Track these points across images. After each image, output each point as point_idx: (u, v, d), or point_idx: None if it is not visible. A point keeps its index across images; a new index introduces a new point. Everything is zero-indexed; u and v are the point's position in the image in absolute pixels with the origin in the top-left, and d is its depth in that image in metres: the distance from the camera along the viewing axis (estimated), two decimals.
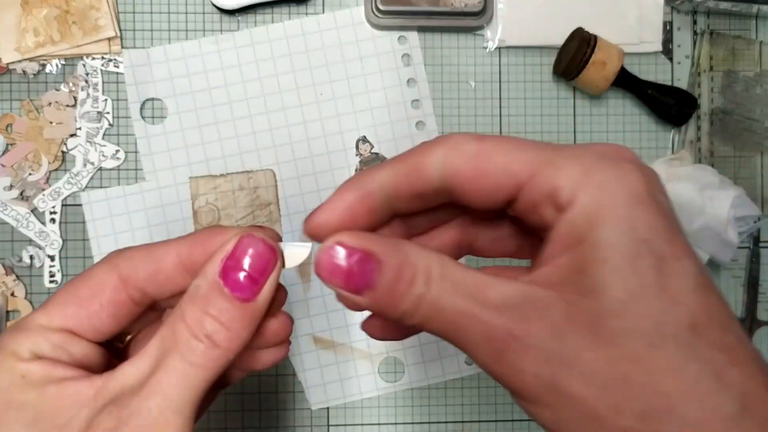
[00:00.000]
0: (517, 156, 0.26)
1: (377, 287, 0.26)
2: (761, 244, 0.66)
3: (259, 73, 0.62)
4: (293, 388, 0.63)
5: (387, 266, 0.26)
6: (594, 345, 0.24)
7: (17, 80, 0.62)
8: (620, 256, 0.24)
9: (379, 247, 0.26)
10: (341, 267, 0.26)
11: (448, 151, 0.27)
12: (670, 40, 0.66)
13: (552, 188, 0.25)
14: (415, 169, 0.28)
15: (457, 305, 0.25)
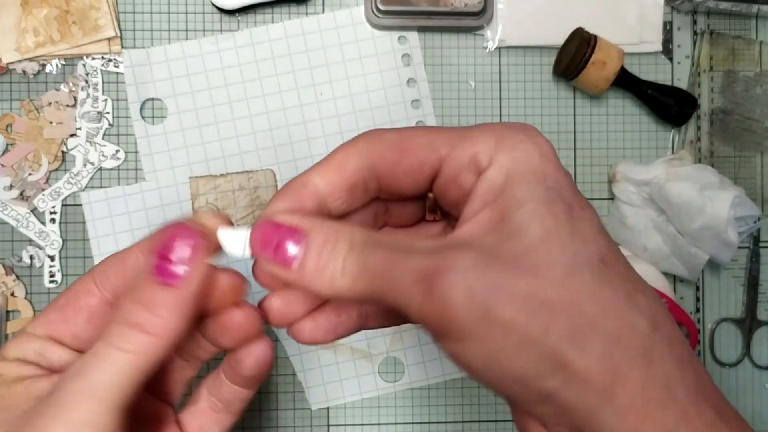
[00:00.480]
0: (436, 134, 0.29)
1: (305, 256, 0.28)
2: (761, 244, 0.66)
3: (259, 73, 0.62)
4: (293, 388, 0.63)
5: (313, 236, 0.28)
6: (519, 275, 0.25)
7: (17, 80, 0.62)
8: (537, 202, 0.26)
9: (306, 221, 0.29)
10: (271, 240, 0.28)
11: (371, 141, 0.30)
12: (670, 40, 0.66)
13: (472, 154, 0.28)
14: (342, 164, 0.30)
15: (382, 256, 0.27)
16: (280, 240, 0.28)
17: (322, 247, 0.28)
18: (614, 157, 0.66)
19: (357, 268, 0.27)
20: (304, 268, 0.28)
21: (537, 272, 0.25)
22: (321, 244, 0.28)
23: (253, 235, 0.29)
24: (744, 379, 0.67)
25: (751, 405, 0.67)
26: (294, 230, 0.28)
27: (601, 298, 0.26)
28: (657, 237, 0.63)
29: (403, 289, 0.26)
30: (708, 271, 0.66)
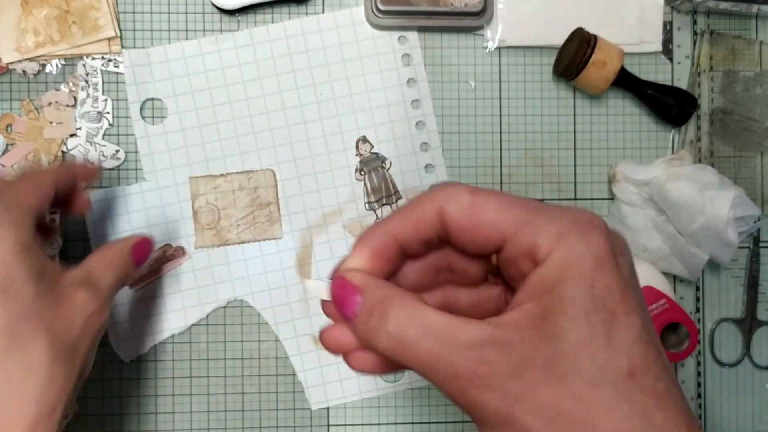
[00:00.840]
0: (504, 213, 0.31)
1: (358, 317, 0.31)
2: (761, 244, 0.66)
3: (259, 73, 0.62)
4: (293, 388, 0.63)
5: (366, 299, 0.31)
6: (546, 383, 0.27)
7: (17, 80, 0.62)
8: (578, 309, 0.28)
9: (365, 282, 0.32)
10: (338, 295, 0.32)
11: (446, 203, 0.32)
12: (670, 40, 0.66)
13: (531, 245, 0.29)
14: (419, 221, 0.32)
15: (424, 345, 0.29)
16: (345, 295, 0.32)
17: (370, 314, 0.31)
18: (614, 157, 0.66)
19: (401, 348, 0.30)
20: (357, 329, 0.31)
21: (563, 381, 0.27)
22: (369, 311, 0.31)
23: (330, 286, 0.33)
24: (744, 379, 0.67)
25: (751, 405, 0.67)
26: (352, 289, 0.32)
27: (616, 415, 0.27)
28: (657, 237, 0.63)
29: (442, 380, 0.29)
30: (708, 271, 0.66)
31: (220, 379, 0.63)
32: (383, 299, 0.31)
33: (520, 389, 0.27)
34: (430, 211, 0.32)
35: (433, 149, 0.64)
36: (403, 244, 0.33)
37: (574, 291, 0.28)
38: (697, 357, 0.66)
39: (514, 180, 0.65)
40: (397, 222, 0.33)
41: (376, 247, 0.33)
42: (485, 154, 0.65)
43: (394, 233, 0.33)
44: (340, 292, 0.32)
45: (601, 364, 0.27)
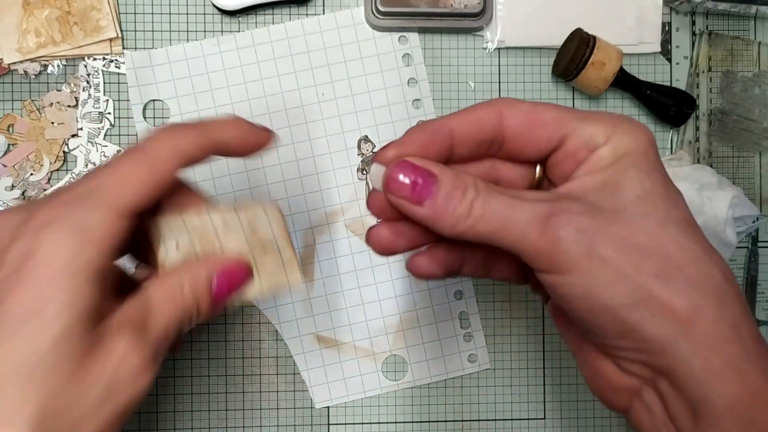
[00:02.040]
0: (562, 111, 0.34)
1: (437, 196, 0.32)
2: (760, 243, 0.67)
3: (261, 74, 0.63)
4: (294, 387, 0.63)
5: (444, 181, 0.32)
6: (619, 223, 0.31)
7: (18, 81, 0.62)
8: (638, 169, 0.32)
9: (436, 168, 0.33)
10: (408, 180, 0.33)
11: (507, 107, 0.34)
12: (668, 40, 0.66)
13: (592, 134, 0.33)
14: (479, 119, 0.34)
15: (504, 201, 0.32)
16: (416, 179, 0.32)
17: (453, 190, 0.32)
18: None
19: (481, 211, 0.32)
20: (435, 207, 0.32)
21: (633, 222, 0.31)
22: (451, 188, 0.32)
23: (392, 170, 0.33)
24: None
25: None
26: (428, 172, 0.33)
27: (686, 248, 0.31)
28: None
29: (520, 229, 0.31)
30: None
31: (221, 378, 0.63)
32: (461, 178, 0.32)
33: (596, 223, 0.31)
34: (490, 112, 0.34)
35: None
36: (457, 140, 0.35)
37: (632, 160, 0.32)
38: None
39: None
40: (456, 118, 0.35)
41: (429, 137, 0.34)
42: None
43: (452, 127, 0.34)
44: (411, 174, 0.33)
45: (665, 211, 0.31)
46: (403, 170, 0.33)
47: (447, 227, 0.32)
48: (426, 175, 0.33)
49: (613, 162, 0.32)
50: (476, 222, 0.32)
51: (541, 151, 0.35)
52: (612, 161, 0.32)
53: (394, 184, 0.33)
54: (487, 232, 0.32)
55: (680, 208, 0.32)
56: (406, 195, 0.33)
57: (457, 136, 0.35)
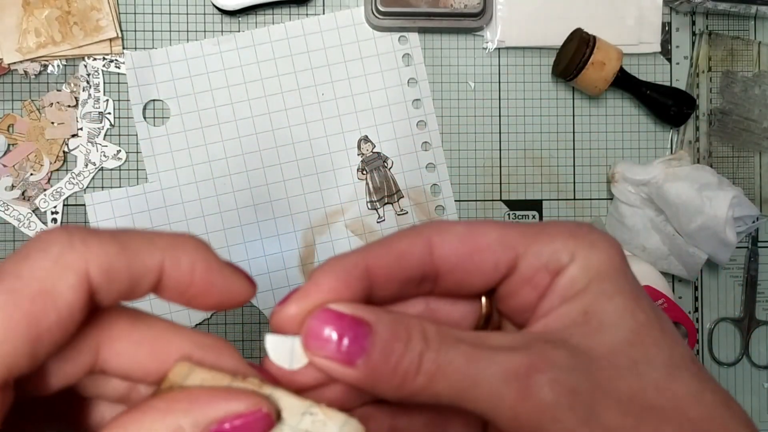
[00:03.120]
0: (507, 230, 0.27)
1: (372, 351, 0.24)
2: (760, 243, 0.67)
3: (261, 74, 0.63)
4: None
5: (380, 329, 0.25)
6: (619, 375, 0.24)
7: (19, 81, 0.62)
8: (626, 296, 0.26)
9: (368, 312, 0.25)
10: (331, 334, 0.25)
11: (438, 233, 0.27)
12: (668, 40, 0.66)
13: (551, 251, 0.26)
14: (402, 254, 0.27)
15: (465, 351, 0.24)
16: (341, 334, 0.25)
17: (393, 342, 0.25)
18: (613, 157, 0.66)
19: (435, 368, 0.24)
20: (371, 366, 0.24)
21: (635, 371, 0.24)
22: (390, 339, 0.25)
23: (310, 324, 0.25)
24: (742, 378, 0.67)
25: (749, 404, 0.67)
26: (358, 321, 0.25)
27: (704, 402, 0.25)
28: (655, 237, 0.63)
29: (492, 390, 0.24)
30: (706, 270, 0.67)
31: None
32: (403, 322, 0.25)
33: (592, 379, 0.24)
34: (416, 244, 0.27)
35: (435, 148, 0.64)
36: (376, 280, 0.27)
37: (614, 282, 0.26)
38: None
39: (514, 180, 0.65)
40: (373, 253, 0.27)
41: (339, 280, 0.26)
42: (485, 155, 0.65)
43: (369, 264, 0.27)
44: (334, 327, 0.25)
45: (668, 351, 0.25)
46: (324, 322, 0.25)
47: (389, 390, 0.25)
48: (355, 326, 0.25)
49: (587, 284, 0.26)
50: (430, 381, 0.24)
51: (486, 282, 0.27)
52: (586, 284, 0.26)
53: (315, 342, 0.25)
54: (445, 393, 0.25)
55: (681, 344, 0.26)
56: (331, 355, 0.25)
57: (376, 275, 0.27)
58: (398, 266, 0.27)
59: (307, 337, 0.25)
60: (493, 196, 0.65)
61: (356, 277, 0.26)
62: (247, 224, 0.63)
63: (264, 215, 0.63)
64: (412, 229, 0.27)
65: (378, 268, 0.27)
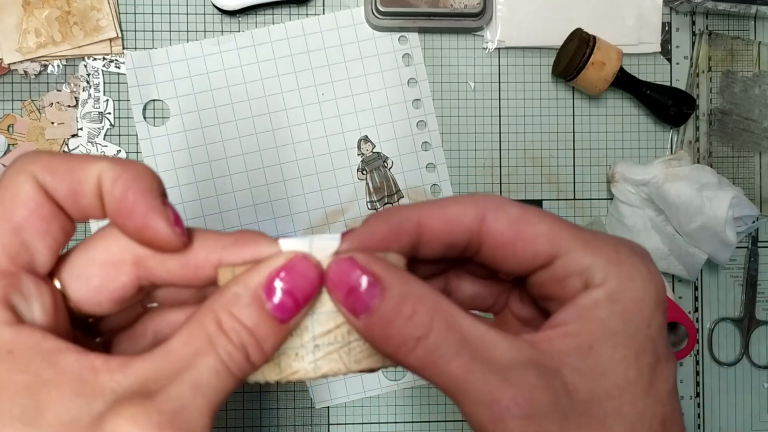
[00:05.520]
0: (559, 228, 0.28)
1: (374, 313, 0.26)
2: (759, 243, 0.67)
3: (261, 74, 0.63)
4: (294, 387, 0.63)
5: (390, 294, 0.26)
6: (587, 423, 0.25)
7: (18, 81, 0.62)
8: (631, 348, 0.26)
9: (388, 274, 0.26)
10: (346, 281, 0.26)
11: (493, 209, 0.28)
12: (668, 40, 0.66)
13: (587, 265, 0.27)
14: (457, 217, 0.28)
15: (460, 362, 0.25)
16: (354, 285, 0.26)
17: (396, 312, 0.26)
18: (613, 157, 0.66)
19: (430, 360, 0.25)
20: (370, 326, 0.26)
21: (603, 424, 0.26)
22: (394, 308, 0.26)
23: (331, 267, 0.27)
24: (742, 378, 0.67)
25: (749, 404, 0.67)
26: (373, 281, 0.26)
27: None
28: (655, 237, 0.63)
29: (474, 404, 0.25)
30: (706, 270, 0.67)
31: None
32: (415, 297, 0.26)
33: (563, 426, 0.25)
34: (471, 212, 0.28)
35: (435, 148, 0.64)
36: (425, 238, 0.28)
37: (629, 327, 0.26)
38: (695, 356, 0.66)
39: (514, 180, 0.65)
40: (429, 211, 0.28)
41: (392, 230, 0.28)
42: (485, 155, 0.65)
43: (422, 222, 0.28)
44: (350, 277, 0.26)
45: (640, 410, 0.26)
46: (344, 269, 0.26)
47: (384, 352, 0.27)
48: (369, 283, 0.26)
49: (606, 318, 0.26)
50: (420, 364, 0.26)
51: (521, 267, 0.28)
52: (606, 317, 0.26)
53: (332, 282, 0.26)
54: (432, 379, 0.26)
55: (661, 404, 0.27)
56: (341, 300, 0.26)
57: (426, 232, 0.28)
58: (447, 229, 0.28)
59: (326, 277, 0.27)
60: None
61: (408, 232, 0.28)
62: (247, 224, 0.63)
63: (264, 215, 0.63)
64: (470, 197, 0.29)
65: (429, 227, 0.28)
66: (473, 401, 0.25)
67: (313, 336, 0.28)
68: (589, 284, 0.27)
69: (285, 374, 0.28)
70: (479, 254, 0.29)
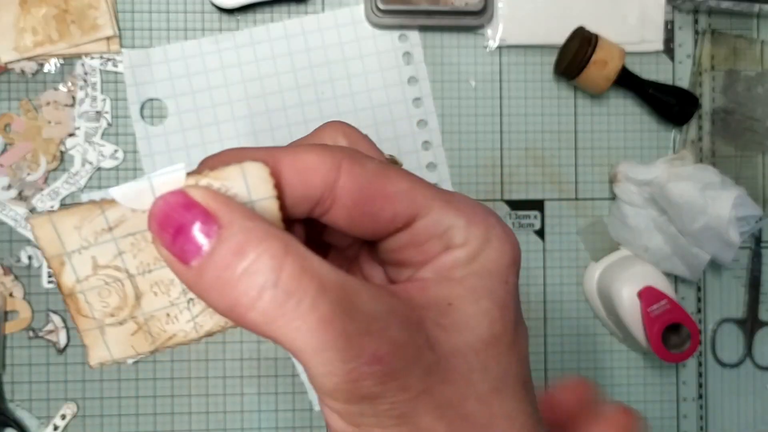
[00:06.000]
0: (419, 187, 0.25)
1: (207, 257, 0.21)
2: (763, 244, 0.66)
3: (260, 72, 0.62)
4: (292, 389, 0.63)
5: (228, 233, 0.21)
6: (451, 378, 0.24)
7: (15, 80, 0.61)
8: (494, 303, 0.25)
9: (226, 209, 0.22)
10: (173, 220, 0.22)
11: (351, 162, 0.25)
12: (671, 39, 0.66)
13: (449, 225, 0.25)
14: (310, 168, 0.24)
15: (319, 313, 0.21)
16: (184, 224, 0.22)
17: (233, 256, 0.21)
18: (615, 156, 0.66)
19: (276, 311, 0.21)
20: (202, 274, 0.21)
21: (468, 379, 0.24)
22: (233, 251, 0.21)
23: (156, 204, 0.22)
24: (745, 379, 0.66)
25: (752, 406, 0.66)
26: (207, 216, 0.22)
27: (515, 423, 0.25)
28: (658, 237, 0.62)
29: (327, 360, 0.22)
30: (709, 271, 0.66)
31: (219, 380, 0.62)
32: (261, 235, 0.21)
33: (426, 382, 0.23)
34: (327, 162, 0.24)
35: (435, 147, 0.63)
36: None
37: (489, 285, 0.25)
38: (698, 358, 0.66)
39: (515, 179, 0.65)
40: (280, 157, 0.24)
41: None
42: (486, 154, 0.65)
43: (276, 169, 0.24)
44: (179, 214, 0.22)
45: (505, 367, 0.25)
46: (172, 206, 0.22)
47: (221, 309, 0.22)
48: (202, 220, 0.22)
49: (465, 276, 0.25)
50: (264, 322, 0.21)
51: (377, 229, 0.26)
52: (464, 274, 0.25)
53: (156, 225, 0.22)
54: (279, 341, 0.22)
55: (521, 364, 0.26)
56: (167, 244, 0.22)
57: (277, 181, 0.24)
58: (299, 180, 0.24)
59: (150, 219, 0.22)
60: (494, 196, 0.65)
61: None
62: None
63: None
64: (324, 146, 0.25)
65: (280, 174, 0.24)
66: (329, 359, 0.21)
67: (183, 289, 0.24)
68: (449, 246, 0.25)
69: (160, 341, 0.24)
70: (329, 214, 0.25)
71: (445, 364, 0.24)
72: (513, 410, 0.25)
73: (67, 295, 0.24)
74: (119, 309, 0.24)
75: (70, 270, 0.23)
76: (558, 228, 0.65)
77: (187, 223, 0.21)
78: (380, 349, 0.22)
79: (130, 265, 0.24)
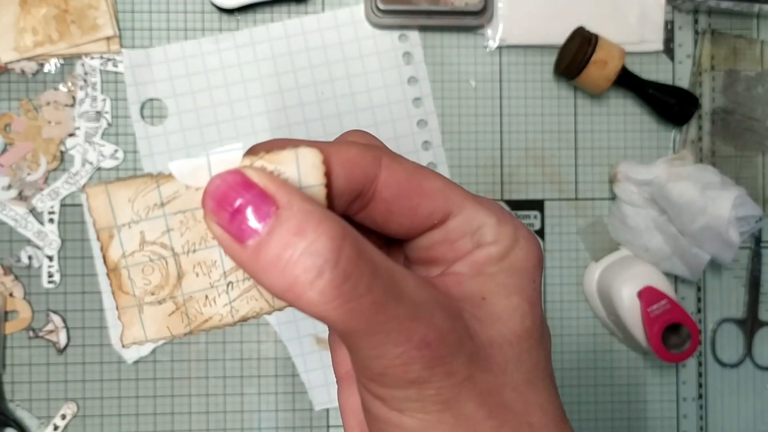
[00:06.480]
0: (451, 186, 0.27)
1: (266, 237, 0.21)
2: (763, 244, 0.66)
3: (260, 72, 0.62)
4: (293, 389, 0.63)
5: (288, 214, 0.21)
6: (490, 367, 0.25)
7: (16, 80, 0.61)
8: (524, 299, 0.26)
9: (284, 191, 0.22)
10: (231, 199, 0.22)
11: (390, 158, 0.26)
12: (671, 39, 0.66)
13: (481, 224, 0.26)
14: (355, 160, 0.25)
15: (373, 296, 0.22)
16: (243, 204, 0.22)
17: (294, 235, 0.21)
18: (615, 156, 0.65)
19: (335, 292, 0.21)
20: (260, 253, 0.21)
21: (504, 370, 0.25)
22: (292, 231, 0.21)
23: (212, 182, 0.22)
24: (745, 379, 0.66)
25: (752, 406, 0.66)
26: (264, 197, 0.22)
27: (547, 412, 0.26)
28: (658, 237, 0.62)
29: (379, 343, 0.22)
30: (709, 271, 0.66)
31: (219, 380, 0.62)
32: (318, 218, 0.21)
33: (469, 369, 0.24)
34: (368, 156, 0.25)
35: (435, 147, 0.63)
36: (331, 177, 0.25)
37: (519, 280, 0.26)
38: (698, 357, 0.66)
39: (515, 179, 0.65)
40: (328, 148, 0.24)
41: None
42: (486, 154, 0.65)
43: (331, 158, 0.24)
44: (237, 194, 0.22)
45: (536, 361, 0.26)
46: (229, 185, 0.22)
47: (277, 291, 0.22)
48: (260, 200, 0.22)
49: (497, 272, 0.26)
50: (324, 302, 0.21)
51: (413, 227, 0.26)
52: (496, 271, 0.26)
53: (212, 203, 0.22)
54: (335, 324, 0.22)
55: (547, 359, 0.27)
56: (223, 223, 0.22)
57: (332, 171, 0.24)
58: (344, 172, 0.24)
59: (206, 197, 0.22)
60: (494, 196, 0.65)
61: None
62: None
63: None
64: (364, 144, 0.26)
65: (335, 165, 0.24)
66: (380, 342, 0.22)
67: (224, 272, 0.24)
68: (480, 243, 0.26)
69: (196, 324, 0.25)
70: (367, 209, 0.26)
71: (484, 353, 0.25)
72: (545, 401, 0.26)
73: (111, 270, 0.24)
74: (160, 288, 0.24)
75: (117, 244, 0.23)
76: (558, 228, 0.65)
77: (245, 202, 0.22)
78: (429, 335, 0.23)
79: (176, 244, 0.24)
